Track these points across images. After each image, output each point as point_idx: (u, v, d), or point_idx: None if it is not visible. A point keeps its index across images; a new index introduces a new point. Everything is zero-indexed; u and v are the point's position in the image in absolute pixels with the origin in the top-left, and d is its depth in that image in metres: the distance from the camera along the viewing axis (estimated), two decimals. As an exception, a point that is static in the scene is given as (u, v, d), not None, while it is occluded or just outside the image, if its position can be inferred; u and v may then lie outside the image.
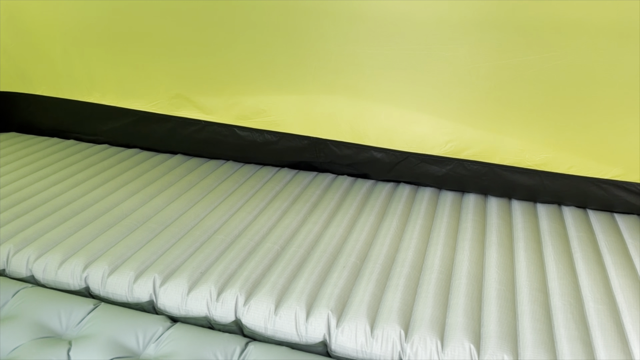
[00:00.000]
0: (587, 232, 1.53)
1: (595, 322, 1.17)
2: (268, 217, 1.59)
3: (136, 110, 1.98)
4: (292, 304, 1.20)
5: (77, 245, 1.41)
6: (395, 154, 1.75)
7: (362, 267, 1.36)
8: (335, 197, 1.73)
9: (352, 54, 1.59)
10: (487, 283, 1.29)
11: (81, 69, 1.97)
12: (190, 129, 1.95)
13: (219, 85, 1.81)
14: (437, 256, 1.40)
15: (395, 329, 1.13)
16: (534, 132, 1.56)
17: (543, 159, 1.60)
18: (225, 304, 1.22)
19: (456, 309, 1.19)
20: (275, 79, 1.73)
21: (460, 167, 1.70)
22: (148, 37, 1.79)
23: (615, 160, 1.55)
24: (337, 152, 1.82)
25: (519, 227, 1.56)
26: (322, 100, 1.72)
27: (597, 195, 1.61)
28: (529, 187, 1.67)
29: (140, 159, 2.03)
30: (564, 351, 1.08)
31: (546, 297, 1.25)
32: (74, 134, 2.23)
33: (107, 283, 1.30)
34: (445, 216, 1.61)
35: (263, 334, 1.19)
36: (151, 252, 1.39)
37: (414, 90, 1.60)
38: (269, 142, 1.88)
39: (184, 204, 1.66)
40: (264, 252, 1.40)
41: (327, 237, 1.48)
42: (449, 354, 1.08)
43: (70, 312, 1.22)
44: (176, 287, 1.26)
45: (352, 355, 1.13)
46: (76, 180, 1.82)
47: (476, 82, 1.52)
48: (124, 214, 1.59)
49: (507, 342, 1.10)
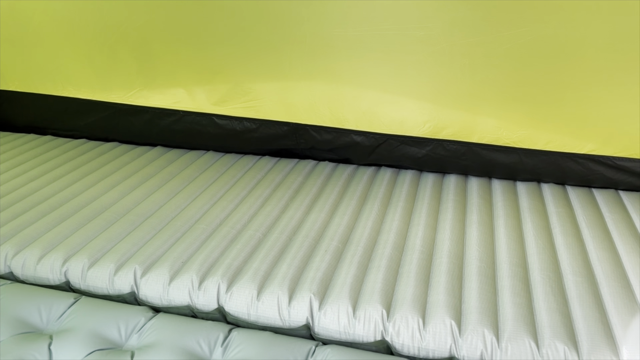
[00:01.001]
0: (565, 207, 1.55)
1: (574, 294, 1.19)
2: (249, 205, 1.58)
3: (112, 102, 1.95)
4: (275, 289, 1.20)
5: (56, 240, 1.39)
6: (375, 137, 1.75)
7: (344, 250, 1.36)
8: (316, 183, 1.72)
9: (327, 37, 1.58)
10: (468, 260, 1.31)
11: (54, 63, 1.93)
12: (168, 119, 1.93)
13: (195, 73, 1.79)
14: (418, 237, 1.41)
15: (377, 309, 1.13)
16: (510, 109, 1.57)
17: (520, 136, 1.61)
18: (208, 292, 1.22)
19: (437, 287, 1.20)
20: (250, 64, 1.71)
21: (440, 147, 1.71)
22: (119, 27, 1.76)
23: (590, 134, 1.57)
24: (317, 137, 1.82)
25: (499, 205, 1.57)
26: (300, 84, 1.71)
27: (575, 170, 1.63)
28: (508, 165, 1.68)
29: (119, 152, 2.00)
30: (544, 323, 1.10)
31: (526, 272, 1.26)
32: (50, 130, 2.19)
33: (87, 276, 1.29)
34: (427, 197, 1.62)
35: (246, 320, 1.19)
36: (131, 244, 1.37)
37: (391, 72, 1.59)
38: (249, 129, 1.87)
39: (165, 195, 1.65)
40: (245, 239, 1.39)
41: (309, 223, 1.48)
42: (430, 331, 1.09)
43: (51, 307, 1.21)
44: (157, 277, 1.26)
45: (335, 337, 1.14)
46: (54, 176, 1.80)
47: (451, 61, 1.52)
48: (103, 207, 1.57)
49: (487, 316, 1.11)
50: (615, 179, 1.61)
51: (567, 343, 1.05)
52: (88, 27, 1.80)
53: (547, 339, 1.06)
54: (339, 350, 1.09)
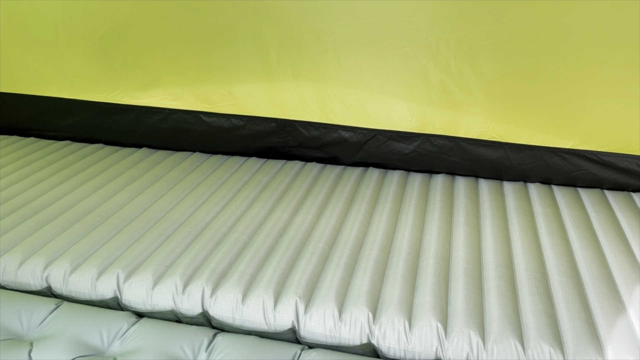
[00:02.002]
0: (551, 207, 1.55)
1: (559, 294, 1.19)
2: (235, 208, 1.56)
3: (96, 102, 1.93)
4: (260, 293, 1.18)
5: (37, 245, 1.37)
6: (363, 132, 1.75)
7: (330, 252, 1.35)
8: (304, 185, 1.71)
9: (314, 30, 1.58)
10: (455, 262, 1.30)
11: (36, 63, 1.90)
12: (154, 118, 1.91)
13: (180, 71, 1.77)
14: (405, 238, 1.40)
15: (364, 312, 1.12)
16: (496, 102, 1.57)
17: (506, 130, 1.62)
18: (192, 297, 1.20)
19: (424, 289, 1.20)
20: (237, 61, 1.70)
21: (427, 142, 1.71)
22: (102, 25, 1.74)
23: (574, 128, 1.58)
24: (305, 133, 1.81)
25: (486, 206, 1.57)
26: (287, 80, 1.70)
27: (560, 166, 1.64)
28: (494, 161, 1.68)
29: (103, 154, 1.98)
30: (529, 324, 1.09)
31: (512, 273, 1.26)
32: (34, 131, 2.15)
33: (69, 281, 1.27)
34: (414, 198, 1.61)
35: (231, 324, 1.17)
36: (115, 248, 1.35)
37: (378, 66, 1.59)
38: (236, 126, 1.85)
39: (149, 198, 1.62)
40: (231, 242, 1.38)
41: (295, 225, 1.47)
42: (416, 334, 1.09)
43: (32, 313, 1.19)
44: (141, 281, 1.24)
45: (321, 341, 1.13)
46: (37, 179, 1.77)
47: (437, 54, 1.52)
48: (86, 210, 1.55)
49: (473, 318, 1.11)
50: (601, 175, 1.62)
51: (552, 344, 1.04)
52: (71, 25, 1.77)
53: (532, 340, 1.06)
54: (324, 354, 1.08)
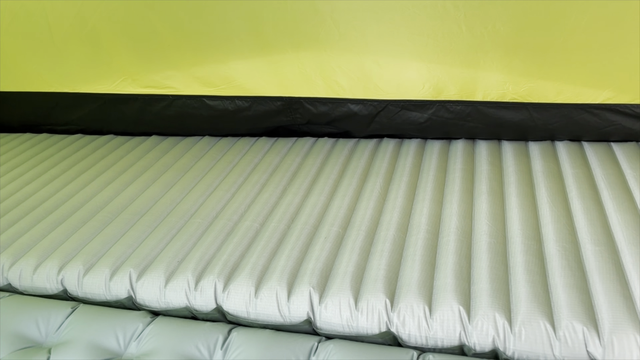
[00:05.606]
0: (582, 167, 1.44)
1: (593, 266, 1.10)
2: (246, 193, 1.51)
3: (100, 93, 1.89)
4: (273, 285, 1.14)
5: (51, 247, 1.36)
6: (373, 104, 1.65)
7: (345, 235, 1.29)
8: (316, 163, 1.64)
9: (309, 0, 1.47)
10: (477, 237, 1.22)
11: (33, 61, 1.86)
12: (158, 105, 1.86)
13: (176, 55, 1.70)
14: (423, 214, 1.32)
15: (381, 298, 1.07)
16: (514, 60, 1.44)
17: (528, 89, 1.49)
18: (204, 293, 1.17)
19: (445, 269, 1.13)
20: (233, 39, 1.61)
21: (443, 109, 1.60)
22: (91, 16, 1.67)
23: (605, 80, 1.43)
24: (312, 110, 1.72)
25: (510, 171, 1.47)
26: (288, 55, 1.60)
27: (591, 123, 1.51)
28: (517, 123, 1.57)
29: (114, 145, 1.95)
30: (560, 302, 1.02)
31: (540, 245, 1.18)
32: (45, 126, 2.15)
33: (83, 283, 1.26)
34: (432, 169, 1.53)
35: (246, 318, 1.14)
36: (126, 246, 1.33)
37: (380, 32, 1.47)
38: (241, 108, 1.78)
39: (160, 189, 1.59)
40: (243, 231, 1.34)
41: (308, 208, 1.41)
42: (437, 319, 1.03)
43: (49, 319, 1.19)
44: (153, 280, 1.21)
45: (339, 331, 1.09)
46: (50, 176, 1.76)
47: (445, 15, 1.39)
48: (98, 207, 1.53)
49: (498, 299, 1.04)
50: (636, 129, 1.48)
51: (586, 323, 0.97)
52: (62, 20, 1.72)
53: (564, 319, 0.98)
54: (342, 345, 1.04)
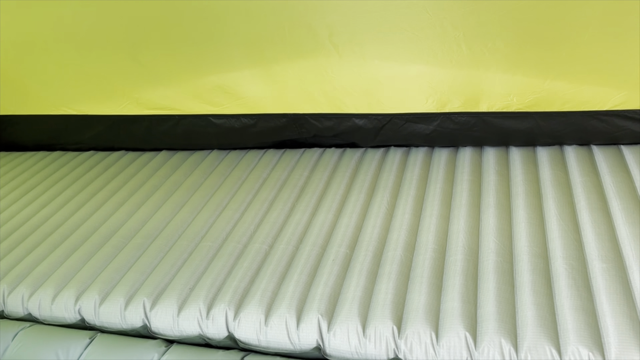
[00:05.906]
0: (591, 174, 1.42)
1: (600, 285, 1.09)
2: (255, 212, 1.53)
3: (108, 115, 1.92)
4: (282, 312, 1.17)
5: (68, 276, 1.40)
6: (377, 118, 1.65)
7: (352, 257, 1.30)
8: (323, 177, 1.65)
9: (306, 26, 1.46)
10: (484, 255, 1.23)
11: (37, 89, 1.90)
12: (166, 125, 1.88)
13: (178, 77, 1.72)
14: (430, 232, 1.33)
15: (388, 325, 1.09)
16: (517, 74, 1.42)
17: (533, 100, 1.48)
18: (216, 321, 1.20)
19: (452, 292, 1.14)
20: (232, 60, 1.62)
21: (448, 121, 1.59)
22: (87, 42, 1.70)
23: (613, 87, 1.41)
24: (318, 125, 1.73)
25: (518, 181, 1.46)
26: (288, 73, 1.61)
27: (599, 129, 1.49)
28: (524, 131, 1.55)
29: (126, 162, 1.98)
30: (567, 325, 1.02)
31: (547, 263, 1.18)
32: (58, 145, 2.19)
33: (99, 313, 1.29)
34: (439, 181, 1.52)
35: (257, 345, 1.17)
36: (140, 273, 1.36)
37: (379, 53, 1.47)
38: (247, 125, 1.80)
39: (170, 210, 1.62)
40: (252, 255, 1.36)
41: (316, 227, 1.42)
42: (444, 346, 1.04)
43: (68, 350, 1.23)
44: (166, 309, 1.25)
45: (348, 358, 1.11)
46: (65, 198, 1.80)
47: (443, 35, 1.38)
48: (111, 231, 1.56)
49: (504, 323, 1.05)
50: (646, 133, 1.46)
51: (591, 347, 0.97)
52: (60, 45, 1.74)
53: (570, 344, 0.99)
54: (351, 373, 1.06)
